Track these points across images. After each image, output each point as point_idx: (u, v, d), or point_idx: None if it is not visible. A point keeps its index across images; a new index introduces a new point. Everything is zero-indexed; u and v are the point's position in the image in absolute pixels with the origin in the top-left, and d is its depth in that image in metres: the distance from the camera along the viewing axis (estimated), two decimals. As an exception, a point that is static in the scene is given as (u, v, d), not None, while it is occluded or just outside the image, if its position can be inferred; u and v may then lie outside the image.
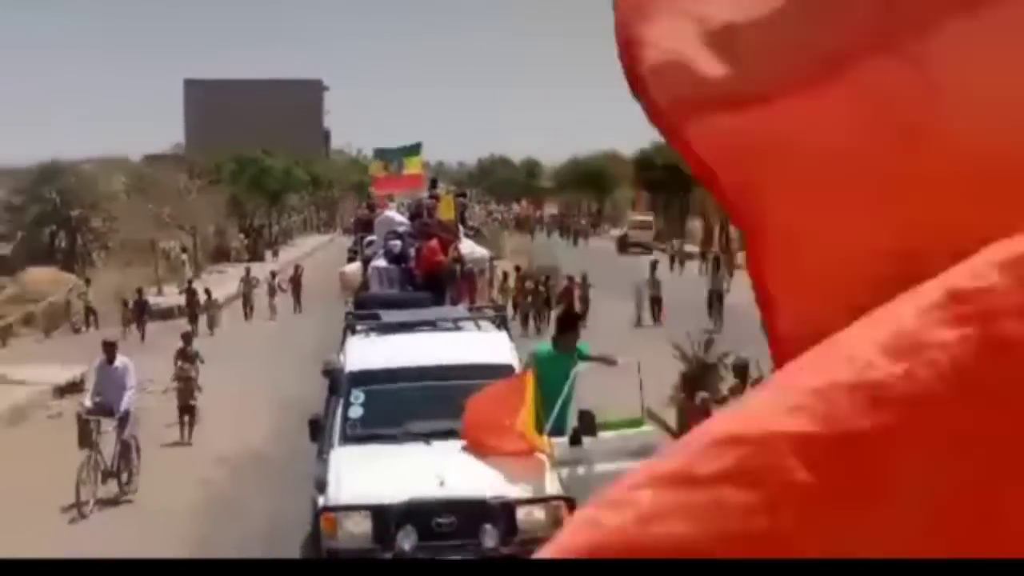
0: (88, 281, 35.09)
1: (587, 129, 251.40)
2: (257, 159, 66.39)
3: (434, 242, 12.53)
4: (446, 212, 14.50)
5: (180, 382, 17.75)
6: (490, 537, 9.04)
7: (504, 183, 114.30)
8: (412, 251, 12.78)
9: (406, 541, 8.98)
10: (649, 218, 74.05)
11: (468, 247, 14.11)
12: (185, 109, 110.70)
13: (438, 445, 9.85)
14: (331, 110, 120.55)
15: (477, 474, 9.38)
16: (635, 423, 11.20)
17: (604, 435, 10.57)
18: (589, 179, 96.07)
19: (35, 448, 16.65)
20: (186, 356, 18.04)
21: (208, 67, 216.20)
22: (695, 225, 72.64)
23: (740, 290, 30.44)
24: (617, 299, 28.93)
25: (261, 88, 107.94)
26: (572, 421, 10.59)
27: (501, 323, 11.77)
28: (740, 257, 46.67)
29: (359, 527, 9.14)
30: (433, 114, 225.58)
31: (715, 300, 28.28)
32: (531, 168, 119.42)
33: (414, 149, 25.06)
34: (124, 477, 14.36)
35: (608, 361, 11.70)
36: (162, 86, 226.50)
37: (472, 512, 9.12)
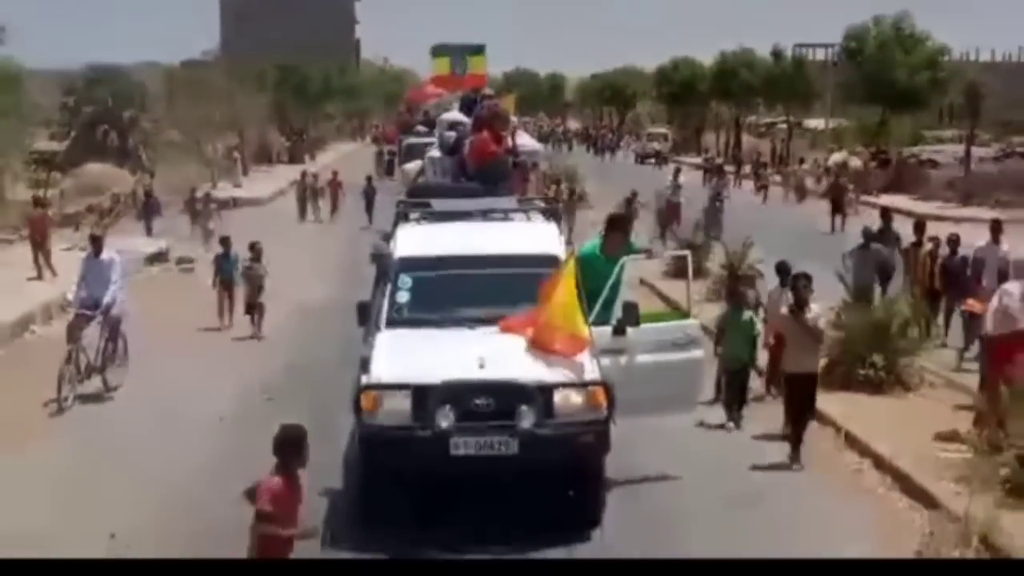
0: (153, 174, 36.97)
1: (608, 45, 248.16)
2: (298, 67, 66.12)
3: (487, 134, 11.95)
4: (508, 106, 13.99)
5: (249, 280, 17.46)
6: (526, 419, 8.77)
7: (529, 96, 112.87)
8: (466, 143, 12.23)
9: (444, 420, 8.73)
10: (666, 131, 73.11)
11: (522, 139, 13.54)
12: (221, 17, 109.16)
13: (482, 330, 9.54)
14: (361, 20, 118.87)
15: (517, 358, 9.09)
16: (679, 315, 10.78)
17: (647, 326, 10.16)
18: (611, 94, 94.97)
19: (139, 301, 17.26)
20: (255, 255, 17.62)
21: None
22: (710, 138, 71.90)
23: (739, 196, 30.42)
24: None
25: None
26: (618, 311, 10.17)
27: (551, 215, 11.29)
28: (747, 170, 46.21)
29: (399, 405, 8.87)
30: (459, 26, 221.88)
31: (713, 204, 28.79)
32: (555, 82, 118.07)
33: (479, 49, 24.25)
34: (107, 375, 13.64)
35: (654, 253, 11.27)
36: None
37: (509, 394, 8.84)
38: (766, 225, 26.04)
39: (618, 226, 11.14)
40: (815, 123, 63.54)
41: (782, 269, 12.93)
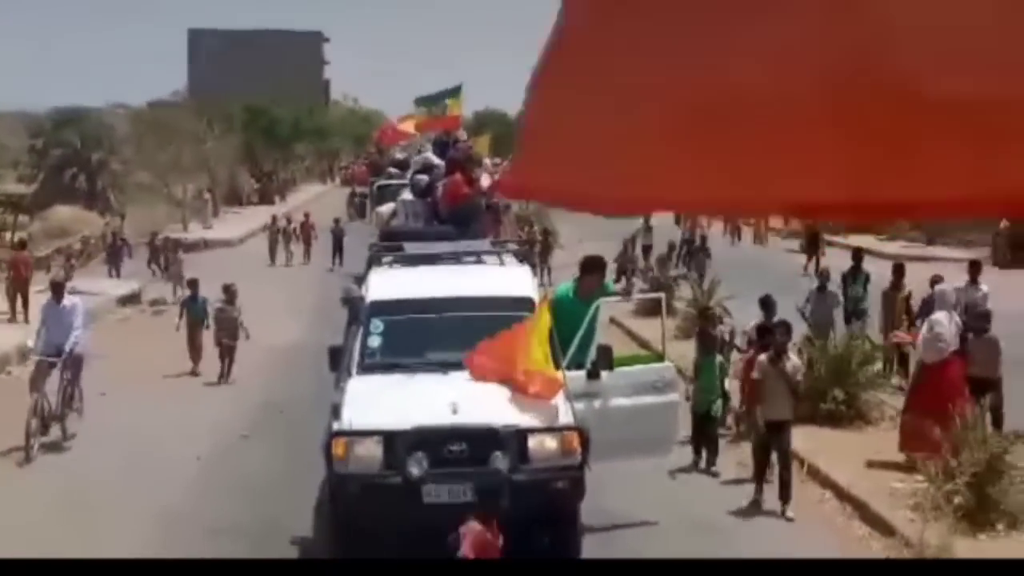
0: (123, 216, 36.74)
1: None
2: (267, 109, 66.02)
3: (460, 176, 11.88)
4: (482, 149, 14.00)
5: (219, 323, 17.14)
6: (500, 464, 8.60)
7: (499, 136, 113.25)
8: (439, 186, 12.16)
9: (416, 467, 8.55)
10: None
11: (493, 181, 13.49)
12: (189, 57, 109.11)
13: (455, 375, 9.35)
14: (331, 61, 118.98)
15: (491, 403, 8.93)
16: (653, 358, 10.67)
17: (622, 369, 10.04)
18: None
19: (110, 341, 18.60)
20: (228, 297, 17.32)
21: (210, 17, 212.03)
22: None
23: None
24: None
25: (262, 38, 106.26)
26: (592, 354, 10.04)
27: (524, 257, 11.19)
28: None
29: (370, 452, 8.71)
30: (428, 67, 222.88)
31: (692, 245, 28.57)
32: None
33: (455, 91, 24.73)
34: (64, 424, 13.27)
35: (629, 296, 11.18)
36: (162, 35, 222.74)
37: (483, 439, 8.69)
38: (741, 264, 26.03)
39: (593, 269, 11.04)
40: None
41: (767, 303, 12.92)
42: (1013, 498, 9.75)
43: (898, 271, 16.45)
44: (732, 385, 12.51)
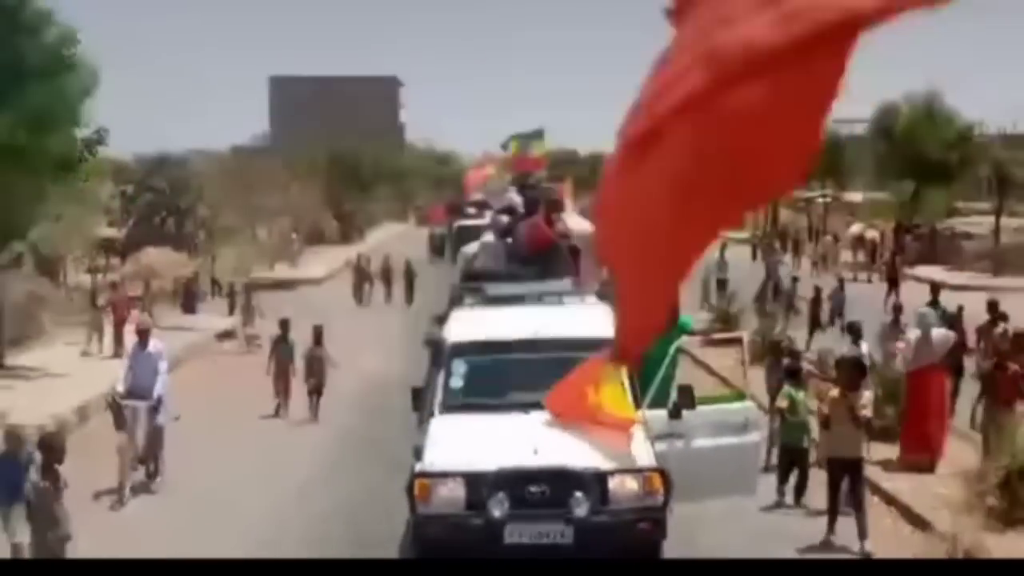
0: (214, 258, 38.34)
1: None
2: (349, 153, 66.98)
3: (540, 217, 11.80)
4: (567, 191, 14.01)
5: (309, 364, 17.17)
6: (581, 506, 8.48)
7: (571, 176, 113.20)
8: (520, 227, 12.09)
9: (497, 508, 8.49)
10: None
11: (575, 223, 13.38)
12: (270, 104, 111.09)
13: (536, 415, 9.24)
14: (406, 104, 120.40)
15: (571, 444, 8.81)
16: (736, 397, 10.46)
17: (704, 408, 9.85)
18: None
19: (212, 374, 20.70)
20: (317, 339, 17.42)
21: (288, 63, 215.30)
22: (746, 214, 71.44)
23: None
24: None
25: (341, 84, 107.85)
26: (673, 394, 9.86)
27: (604, 297, 11.06)
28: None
29: (452, 493, 8.64)
30: (501, 108, 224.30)
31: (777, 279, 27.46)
32: (596, 161, 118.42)
33: (538, 135, 25.96)
34: (151, 465, 13.24)
35: (712, 336, 11.04)
36: (243, 81, 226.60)
37: (564, 480, 8.58)
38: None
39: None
40: (852, 196, 63.14)
41: (853, 329, 13.24)
42: None
43: (993, 307, 16.12)
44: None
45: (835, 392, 10.76)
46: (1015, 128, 68.84)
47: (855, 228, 46.15)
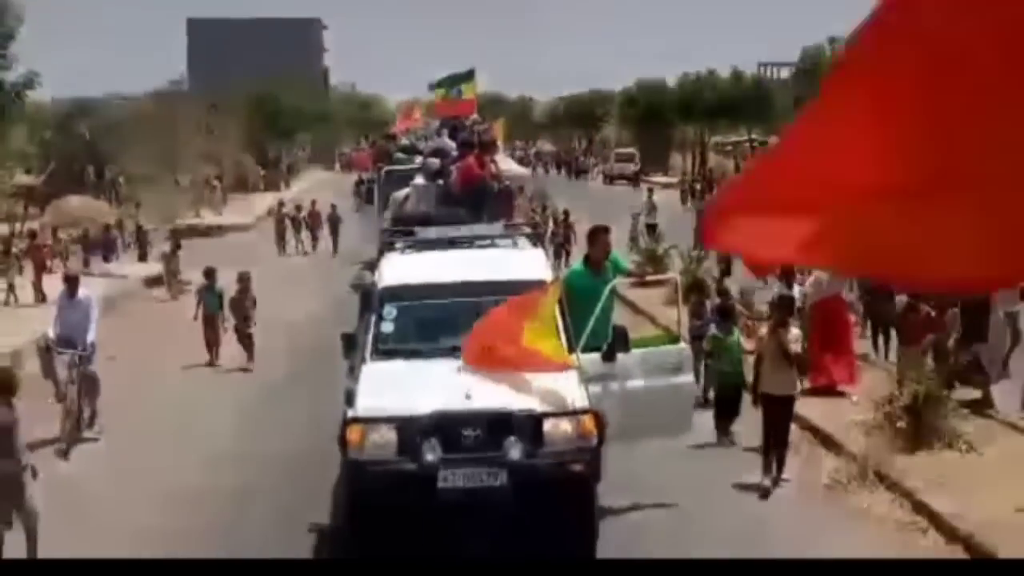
0: (138, 205, 37.07)
1: (575, 69, 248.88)
2: (271, 97, 65.73)
3: (472, 159, 11.58)
4: (499, 133, 13.78)
5: (235, 312, 16.93)
6: (515, 449, 8.37)
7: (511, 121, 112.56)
8: (452, 169, 11.87)
9: (430, 453, 8.33)
10: (633, 151, 73.03)
11: (507, 164, 13.19)
12: (188, 47, 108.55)
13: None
14: (330, 48, 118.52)
15: (505, 387, 8.67)
16: (670, 340, 10.41)
17: (638, 351, 9.79)
18: (579, 117, 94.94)
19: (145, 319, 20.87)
20: (243, 286, 17.12)
21: (206, 5, 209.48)
22: (676, 158, 71.91)
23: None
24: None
25: (261, 26, 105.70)
26: (609, 335, 9.78)
27: (537, 240, 10.91)
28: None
29: (384, 438, 8.46)
30: (428, 53, 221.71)
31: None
32: (525, 106, 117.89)
33: (469, 76, 24.57)
34: (87, 413, 12.93)
35: (645, 277, 10.98)
36: (159, 24, 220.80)
37: (497, 424, 8.44)
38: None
39: (598, 237, 10.78)
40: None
41: (786, 271, 13.43)
42: (948, 423, 11.12)
43: None
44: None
45: (764, 330, 10.77)
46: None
47: None
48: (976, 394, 12.70)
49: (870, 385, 13.07)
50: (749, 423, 11.49)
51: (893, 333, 14.73)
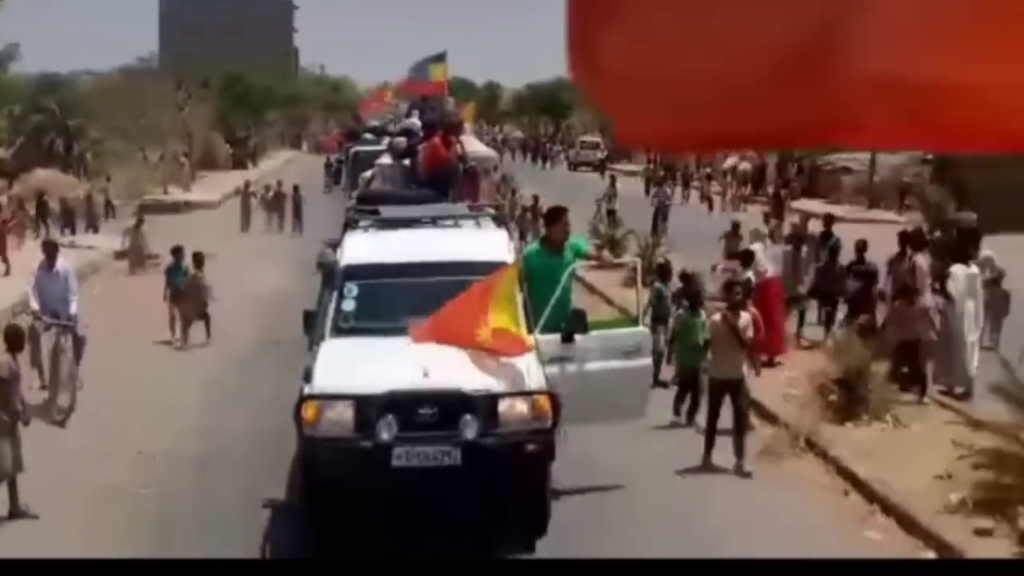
0: (109, 178, 36.72)
1: (543, 56, 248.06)
2: (242, 76, 65.19)
3: (438, 140, 11.50)
4: (468, 115, 13.71)
5: (191, 290, 16.80)
6: (470, 428, 8.32)
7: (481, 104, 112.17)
8: (418, 150, 11.79)
9: (385, 431, 8.26)
10: (598, 140, 73.01)
11: (474, 146, 13.10)
12: (160, 24, 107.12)
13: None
14: (300, 29, 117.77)
15: (462, 367, 8.62)
16: (628, 322, 10.41)
17: (596, 333, 9.76)
18: (546, 104, 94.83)
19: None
20: (198, 265, 17.02)
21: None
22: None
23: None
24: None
25: (233, 5, 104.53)
26: (569, 317, 9.77)
27: (501, 222, 10.85)
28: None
29: (341, 415, 8.40)
30: (397, 37, 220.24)
31: (659, 212, 29.66)
32: (492, 91, 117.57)
33: (440, 57, 24.18)
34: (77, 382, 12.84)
35: (605, 261, 10.97)
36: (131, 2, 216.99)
37: (453, 403, 8.40)
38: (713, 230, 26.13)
39: (557, 217, 10.74)
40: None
41: (748, 255, 14.18)
42: (877, 395, 11.62)
43: (904, 240, 15.59)
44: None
45: (718, 315, 10.84)
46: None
47: (729, 161, 47.34)
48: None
49: (812, 362, 13.17)
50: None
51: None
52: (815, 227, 18.99)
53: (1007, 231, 16.64)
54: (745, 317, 10.74)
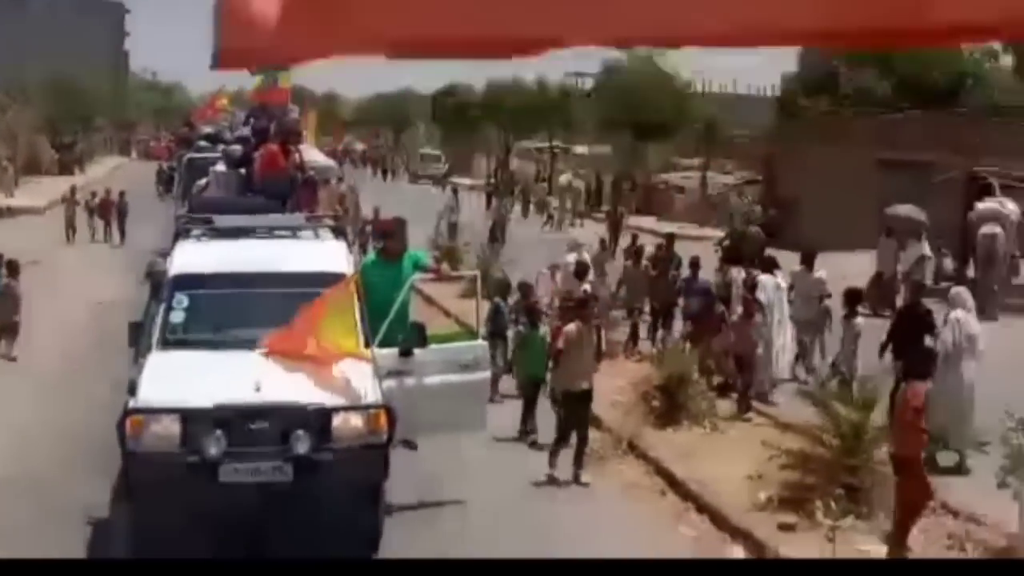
0: None
1: (386, 67, 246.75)
2: (69, 79, 62.64)
3: (275, 147, 11.11)
4: (311, 124, 13.34)
5: (4, 299, 15.66)
6: (302, 443, 8.07)
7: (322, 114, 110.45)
8: (255, 157, 11.37)
9: (214, 446, 7.95)
10: (439, 153, 73.12)
11: (312, 155, 12.73)
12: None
13: (262, 352, 8.67)
14: (131, 32, 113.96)
15: (296, 381, 8.36)
16: (467, 336, 10.28)
17: (435, 347, 9.60)
18: (388, 116, 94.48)
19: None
20: (11, 273, 15.95)
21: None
22: (481, 162, 72.44)
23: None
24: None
25: (62, 8, 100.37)
26: (408, 331, 9.59)
27: (340, 233, 10.56)
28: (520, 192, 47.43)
29: (167, 430, 8.04)
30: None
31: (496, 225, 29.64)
32: (332, 101, 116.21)
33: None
34: None
35: (444, 273, 10.83)
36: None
37: (285, 417, 8.14)
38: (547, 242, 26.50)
39: (394, 228, 10.59)
40: (579, 148, 64.99)
41: (581, 267, 14.50)
42: (696, 403, 12.24)
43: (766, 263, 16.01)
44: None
45: (572, 327, 10.88)
46: (734, 88, 72.83)
47: (563, 177, 48.52)
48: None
49: (645, 373, 13.43)
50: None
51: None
52: (650, 244, 19.44)
53: (834, 249, 17.29)
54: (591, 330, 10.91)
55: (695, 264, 16.09)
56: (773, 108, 46.37)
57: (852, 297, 13.17)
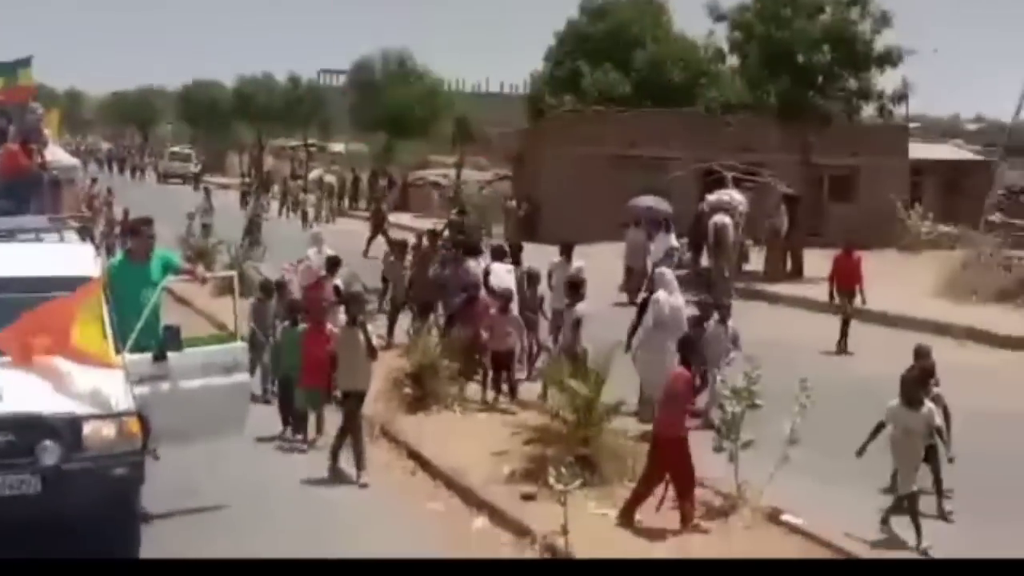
0: None
1: (125, 64, 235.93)
2: None
3: (16, 146, 10.54)
4: (53, 123, 12.64)
5: None
6: (50, 454, 7.75)
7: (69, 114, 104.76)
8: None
9: None
10: (190, 151, 70.86)
11: (55, 154, 12.13)
12: None
13: (4, 360, 8.24)
14: None
15: (42, 389, 8.00)
16: (225, 338, 10.10)
17: (191, 350, 9.38)
18: (132, 113, 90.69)
19: None
20: None
21: None
22: (233, 159, 70.71)
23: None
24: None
25: None
26: (160, 335, 9.32)
27: (86, 235, 10.13)
28: (275, 190, 46.73)
29: None
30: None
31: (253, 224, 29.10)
32: (74, 99, 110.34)
33: (26, 62, 22.30)
34: None
35: (199, 275, 10.60)
36: None
37: (31, 428, 7.78)
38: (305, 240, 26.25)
39: (140, 229, 10.37)
40: (335, 146, 64.52)
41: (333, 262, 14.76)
42: (443, 389, 12.86)
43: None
44: None
45: (339, 329, 10.86)
46: (487, 86, 74.02)
47: (314, 173, 48.52)
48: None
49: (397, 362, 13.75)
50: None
51: None
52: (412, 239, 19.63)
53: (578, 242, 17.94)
54: (372, 329, 11.09)
55: (457, 258, 16.48)
56: (524, 106, 47.48)
57: (572, 287, 13.79)
